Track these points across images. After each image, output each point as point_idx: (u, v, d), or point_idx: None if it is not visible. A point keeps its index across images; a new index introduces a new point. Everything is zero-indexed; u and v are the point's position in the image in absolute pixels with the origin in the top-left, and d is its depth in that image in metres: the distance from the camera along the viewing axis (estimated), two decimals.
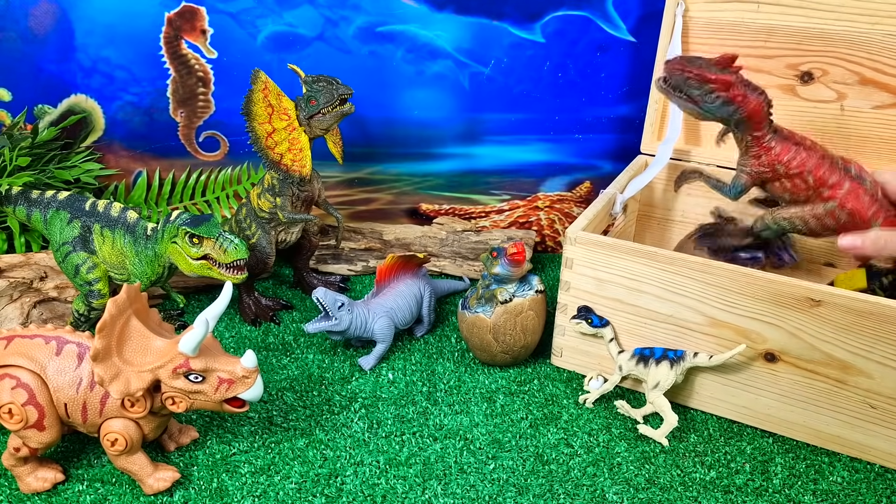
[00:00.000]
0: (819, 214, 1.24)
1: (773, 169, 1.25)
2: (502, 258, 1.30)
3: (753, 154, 1.26)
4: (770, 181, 1.26)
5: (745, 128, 1.24)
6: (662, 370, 1.21)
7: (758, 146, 1.25)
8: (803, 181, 1.24)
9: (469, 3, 1.61)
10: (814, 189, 1.23)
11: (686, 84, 1.21)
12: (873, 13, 1.35)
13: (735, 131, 1.27)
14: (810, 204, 1.25)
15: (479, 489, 1.12)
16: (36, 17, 1.61)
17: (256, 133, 1.41)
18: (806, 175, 1.23)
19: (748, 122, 1.23)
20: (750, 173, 1.27)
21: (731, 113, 1.21)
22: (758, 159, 1.25)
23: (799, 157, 1.23)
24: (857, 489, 1.14)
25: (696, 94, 1.21)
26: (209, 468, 1.15)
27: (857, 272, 1.36)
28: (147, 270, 1.33)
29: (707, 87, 1.20)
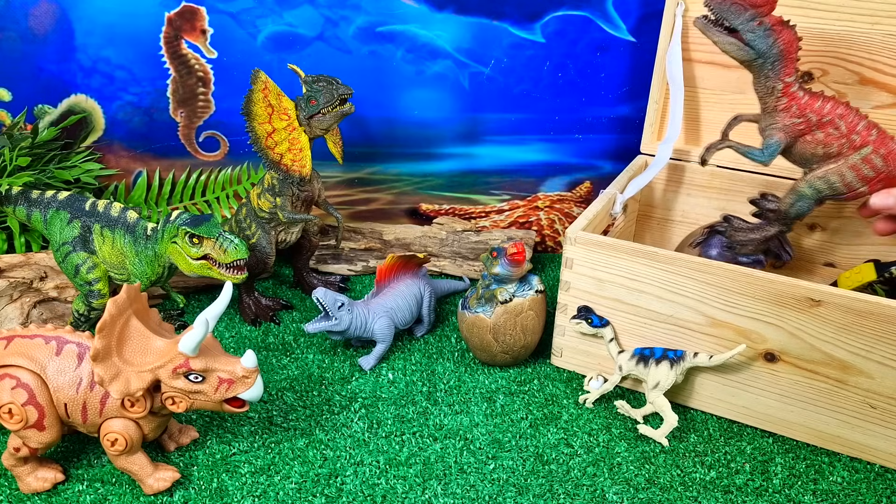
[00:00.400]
0: (855, 164, 1.19)
1: (805, 118, 1.21)
2: (502, 258, 1.30)
3: (783, 107, 1.22)
4: (802, 135, 1.22)
5: (778, 68, 1.20)
6: (662, 370, 1.22)
7: (787, 96, 1.21)
8: (836, 128, 1.20)
9: (469, 3, 1.61)
10: (846, 137, 1.19)
11: (729, 11, 1.18)
12: (873, 13, 1.35)
13: (764, 76, 1.21)
14: (843, 156, 1.20)
15: (479, 489, 1.12)
16: (36, 17, 1.61)
17: (256, 133, 1.41)
18: (837, 122, 1.20)
19: (783, 58, 1.19)
20: (782, 128, 1.22)
21: (771, 45, 1.18)
22: (788, 111, 1.22)
23: (828, 104, 1.21)
24: (857, 489, 1.14)
25: (739, 23, 1.18)
26: (209, 468, 1.15)
27: (864, 266, 1.36)
28: (147, 270, 1.33)
29: (750, 13, 1.17)
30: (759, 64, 1.20)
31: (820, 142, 1.21)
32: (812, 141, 1.22)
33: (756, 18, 1.17)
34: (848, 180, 1.20)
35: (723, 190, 1.58)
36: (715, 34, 1.21)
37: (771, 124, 1.24)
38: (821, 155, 1.22)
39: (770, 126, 1.24)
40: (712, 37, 1.22)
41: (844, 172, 1.20)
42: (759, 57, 1.20)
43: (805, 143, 1.22)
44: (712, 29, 1.22)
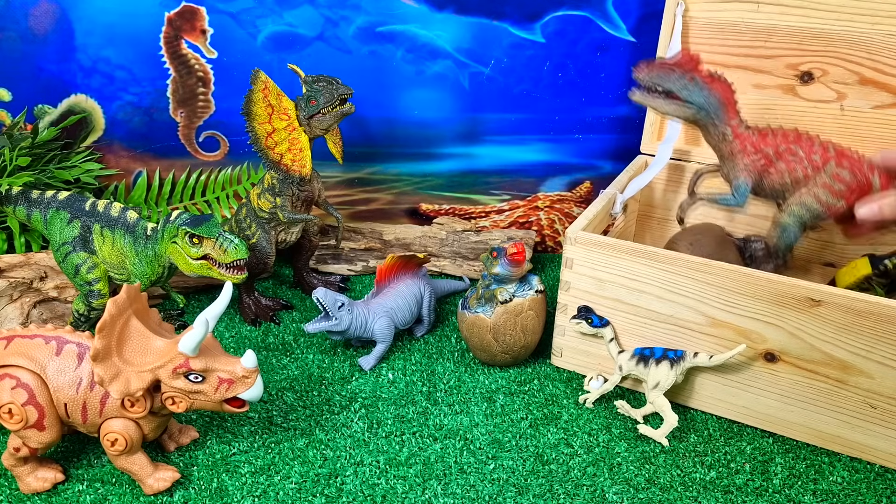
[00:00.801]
0: (825, 182, 1.22)
1: (762, 153, 1.24)
2: (502, 258, 1.30)
3: (739, 149, 1.26)
4: (765, 170, 1.25)
5: (721, 115, 1.24)
6: (662, 370, 1.21)
7: (739, 137, 1.25)
8: (794, 155, 1.23)
9: (469, 3, 1.61)
10: (807, 160, 1.23)
11: (659, 78, 1.23)
12: (873, 13, 1.35)
13: (712, 126, 1.25)
14: (810, 179, 1.23)
15: (479, 489, 1.12)
16: (36, 17, 1.61)
17: (256, 133, 1.41)
18: (794, 148, 1.23)
19: (724, 105, 1.24)
20: (745, 168, 1.26)
21: (708, 96, 1.22)
22: (745, 151, 1.25)
23: (778, 135, 1.25)
24: (857, 489, 1.14)
25: (672, 85, 1.23)
26: (209, 468, 1.15)
27: (859, 261, 1.36)
28: (147, 270, 1.33)
29: (678, 73, 1.22)
30: (704, 116, 1.24)
31: (784, 171, 1.25)
32: (776, 172, 1.25)
33: (685, 76, 1.22)
34: (823, 199, 1.23)
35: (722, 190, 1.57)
36: (654, 100, 1.25)
37: (733, 168, 1.27)
38: (789, 183, 1.25)
39: (733, 170, 1.27)
40: (652, 103, 1.26)
41: (817, 192, 1.23)
42: (701, 109, 1.24)
43: (770, 176, 1.26)
44: (650, 97, 1.25)
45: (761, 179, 1.27)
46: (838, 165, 1.22)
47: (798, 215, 1.25)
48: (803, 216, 1.25)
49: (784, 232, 1.28)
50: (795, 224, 1.26)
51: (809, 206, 1.24)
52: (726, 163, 1.29)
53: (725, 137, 1.26)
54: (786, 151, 1.24)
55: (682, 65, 1.23)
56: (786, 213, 1.26)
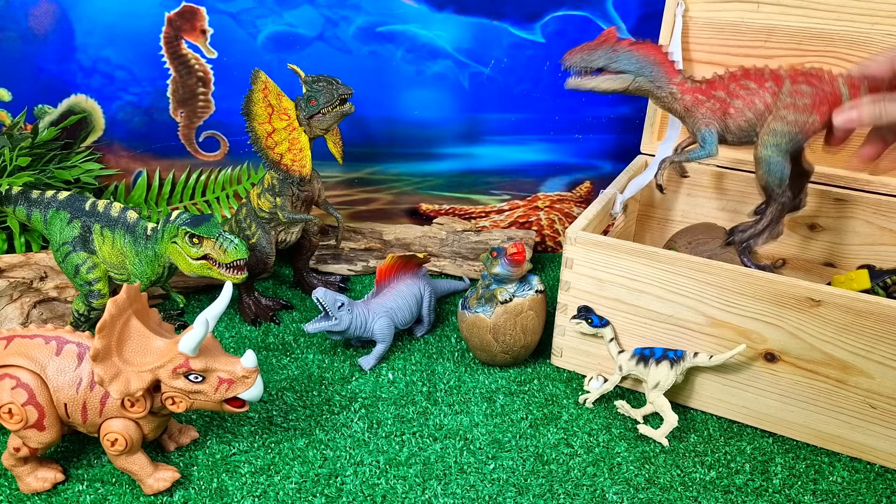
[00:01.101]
0: (787, 103, 1.18)
1: (715, 97, 1.22)
2: (502, 258, 1.30)
3: (691, 102, 1.24)
4: (725, 113, 1.22)
5: (660, 75, 1.23)
6: (662, 370, 1.21)
7: (687, 91, 1.24)
8: (747, 89, 1.21)
9: (469, 3, 1.61)
10: (761, 89, 1.20)
11: (584, 60, 1.23)
12: (873, 13, 1.35)
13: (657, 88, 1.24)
14: (772, 106, 1.20)
15: (479, 489, 1.12)
16: (36, 17, 1.61)
17: (256, 133, 1.41)
18: (744, 82, 1.21)
19: (659, 65, 1.23)
20: (704, 117, 1.23)
21: (639, 60, 1.22)
22: (698, 102, 1.23)
23: (725, 77, 1.23)
24: (857, 489, 1.14)
25: (600, 61, 1.22)
26: (209, 468, 1.15)
27: (859, 273, 1.36)
28: (147, 270, 1.33)
29: (602, 49, 1.22)
30: (644, 81, 1.23)
31: (742, 108, 1.21)
32: (736, 111, 1.22)
33: (609, 49, 1.22)
34: (791, 119, 1.18)
35: (723, 190, 1.58)
36: (589, 81, 1.24)
37: (694, 122, 1.25)
38: (753, 118, 1.21)
39: (695, 123, 1.25)
40: (588, 85, 1.24)
41: (785, 115, 1.18)
42: (638, 74, 1.22)
43: (732, 117, 1.22)
44: (584, 80, 1.24)
45: (725, 124, 1.23)
46: (794, 83, 1.18)
47: (774, 144, 1.20)
48: (780, 143, 1.20)
49: (768, 165, 1.21)
50: (776, 153, 1.21)
51: (780, 131, 1.19)
52: (686, 121, 1.27)
53: (674, 96, 1.24)
54: (738, 88, 1.22)
55: (603, 41, 1.23)
56: (761, 145, 1.21)
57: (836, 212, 1.49)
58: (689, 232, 1.50)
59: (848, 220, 1.49)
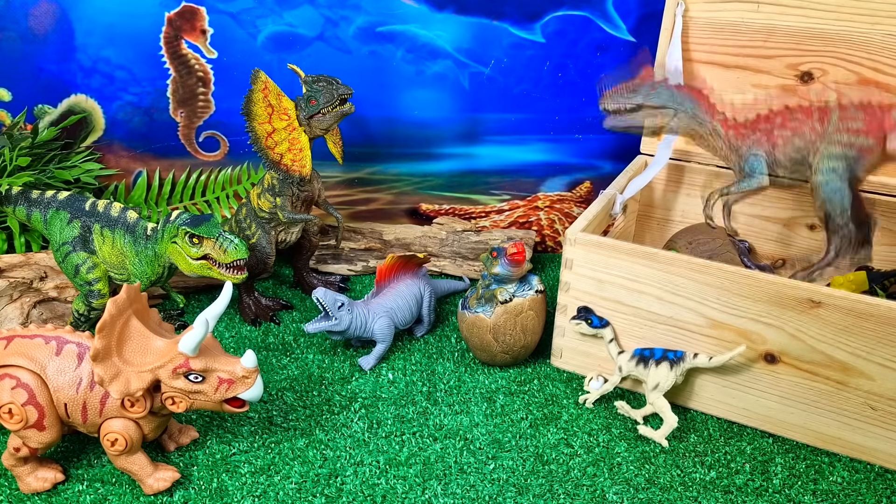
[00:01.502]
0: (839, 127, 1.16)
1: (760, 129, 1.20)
2: (502, 258, 1.30)
3: (736, 136, 1.22)
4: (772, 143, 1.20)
5: (702, 112, 1.22)
6: (662, 371, 1.21)
7: (731, 127, 1.22)
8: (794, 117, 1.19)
9: (469, 3, 1.61)
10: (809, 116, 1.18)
11: (622, 97, 1.23)
12: (873, 13, 1.35)
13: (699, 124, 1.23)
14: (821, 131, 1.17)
15: (479, 489, 1.12)
16: (36, 17, 1.61)
17: (256, 133, 1.41)
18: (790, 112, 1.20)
19: (699, 101, 1.22)
20: (751, 149, 1.21)
21: (678, 96, 1.21)
22: (742, 136, 1.21)
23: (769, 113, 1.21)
24: (857, 489, 1.14)
25: (639, 97, 1.22)
26: (209, 468, 1.15)
27: (858, 275, 1.36)
28: (147, 270, 1.33)
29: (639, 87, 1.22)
30: (685, 117, 1.23)
31: (790, 136, 1.19)
32: (784, 140, 1.20)
33: (647, 87, 1.23)
34: (846, 141, 1.16)
35: None
36: (628, 120, 1.24)
37: (740, 154, 1.23)
38: (803, 147, 1.19)
39: (740, 155, 1.23)
40: (627, 123, 1.24)
41: (837, 138, 1.16)
42: (678, 110, 1.22)
43: (780, 147, 1.20)
44: (623, 118, 1.24)
45: (774, 155, 1.20)
46: (843, 110, 1.16)
47: (830, 168, 1.16)
48: (837, 167, 1.16)
49: (825, 192, 1.17)
50: (833, 178, 1.16)
51: (836, 154, 1.16)
52: (731, 158, 1.24)
53: (717, 133, 1.24)
54: (784, 120, 1.20)
55: (643, 79, 1.24)
56: (816, 172, 1.18)
57: None
58: (689, 232, 1.50)
59: None
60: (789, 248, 1.56)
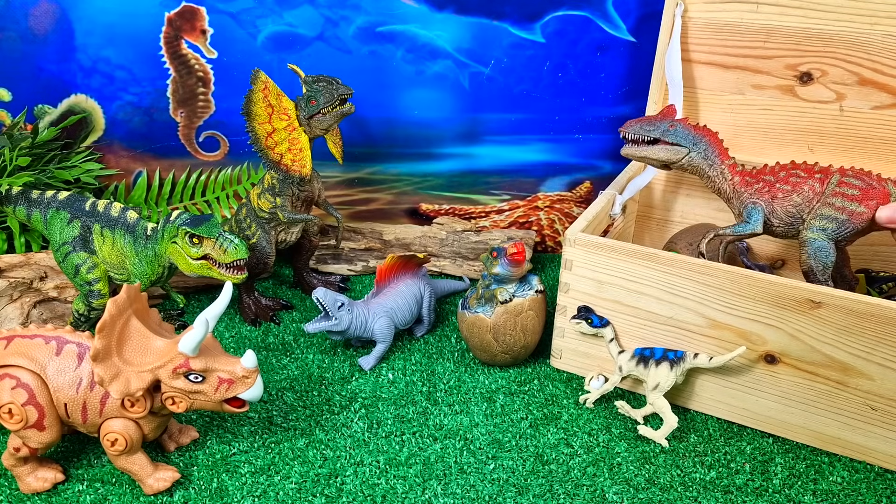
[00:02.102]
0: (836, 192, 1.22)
1: (765, 181, 1.27)
2: (502, 258, 1.30)
3: (741, 183, 1.29)
4: (773, 196, 1.26)
5: (714, 155, 1.30)
6: (662, 371, 1.21)
7: (738, 173, 1.29)
8: (797, 176, 1.25)
9: (469, 3, 1.61)
10: (810, 176, 1.24)
11: (643, 130, 1.32)
12: (872, 13, 1.35)
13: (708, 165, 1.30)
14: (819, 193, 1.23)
15: (479, 489, 1.12)
16: (36, 17, 1.61)
17: (256, 133, 1.41)
18: (794, 171, 1.26)
19: (713, 144, 1.30)
20: (752, 197, 1.27)
21: (695, 136, 1.30)
22: (747, 184, 1.28)
23: (776, 166, 1.28)
24: (857, 489, 1.14)
25: (658, 132, 1.31)
26: (209, 468, 1.15)
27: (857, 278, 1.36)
28: (147, 270, 1.33)
29: (660, 121, 1.31)
30: (697, 157, 1.30)
31: (790, 193, 1.25)
32: (784, 195, 1.25)
33: (668, 123, 1.31)
34: (839, 205, 1.22)
35: None
36: (644, 151, 1.33)
37: (741, 201, 1.29)
38: (801, 204, 1.25)
39: (741, 202, 1.29)
40: (643, 154, 1.33)
41: (832, 201, 1.22)
42: (692, 150, 1.30)
43: (779, 200, 1.25)
44: (639, 149, 1.33)
45: (772, 206, 1.26)
46: (843, 175, 1.23)
47: (820, 227, 1.23)
48: (826, 227, 1.22)
49: (813, 249, 1.23)
50: (822, 236, 1.23)
51: (829, 216, 1.22)
52: (732, 201, 1.31)
53: (724, 176, 1.30)
54: (788, 174, 1.26)
55: (664, 115, 1.32)
56: (807, 228, 1.24)
57: None
58: (689, 233, 1.50)
59: None
60: (789, 249, 1.56)
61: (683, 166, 1.32)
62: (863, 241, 1.48)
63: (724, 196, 1.32)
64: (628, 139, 1.34)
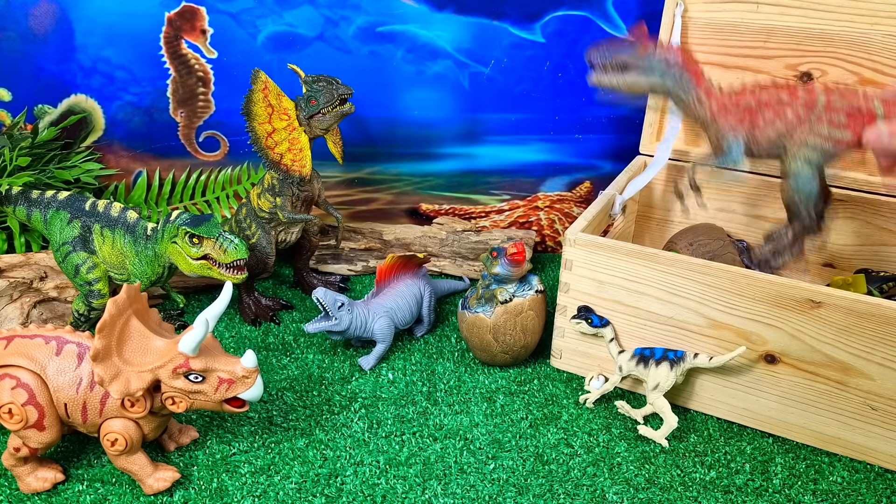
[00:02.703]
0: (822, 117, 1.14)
1: (745, 107, 1.17)
2: (502, 258, 1.30)
3: (718, 109, 1.19)
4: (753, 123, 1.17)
5: (687, 80, 1.19)
6: (662, 371, 1.21)
7: (714, 98, 1.19)
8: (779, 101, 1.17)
9: (469, 3, 1.61)
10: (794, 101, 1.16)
11: (610, 52, 1.19)
12: (872, 13, 1.35)
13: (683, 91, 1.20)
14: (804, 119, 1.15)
15: (479, 489, 1.12)
16: (36, 17, 1.61)
17: (256, 133, 1.41)
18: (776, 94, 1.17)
19: (687, 69, 1.19)
20: (732, 126, 1.18)
21: (667, 62, 1.18)
22: (725, 110, 1.19)
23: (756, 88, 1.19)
24: (857, 489, 1.14)
25: (628, 57, 1.18)
26: (209, 468, 1.15)
27: (857, 278, 1.36)
28: (147, 270, 1.33)
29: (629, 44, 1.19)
30: (670, 82, 1.19)
31: (772, 119, 1.16)
32: (766, 122, 1.17)
33: (637, 45, 1.19)
34: (826, 133, 1.14)
35: (722, 190, 1.58)
36: (615, 77, 1.20)
37: (719, 130, 1.20)
38: (784, 131, 1.16)
39: (719, 131, 1.20)
40: (613, 81, 1.20)
41: (818, 129, 1.14)
42: (664, 74, 1.19)
43: (761, 129, 1.17)
44: (608, 74, 1.20)
45: (753, 135, 1.18)
46: (829, 96, 1.14)
47: (806, 157, 1.16)
48: (811, 157, 1.15)
49: (797, 180, 1.17)
50: (807, 168, 1.16)
51: (814, 145, 1.15)
52: (710, 129, 1.22)
53: (701, 102, 1.20)
54: (770, 98, 1.17)
55: (632, 39, 1.20)
56: (792, 159, 1.17)
57: (835, 212, 1.49)
58: (689, 233, 1.50)
59: (848, 220, 1.49)
60: None
61: (657, 93, 1.23)
62: (863, 241, 1.49)
63: (701, 122, 1.24)
64: (595, 65, 1.21)
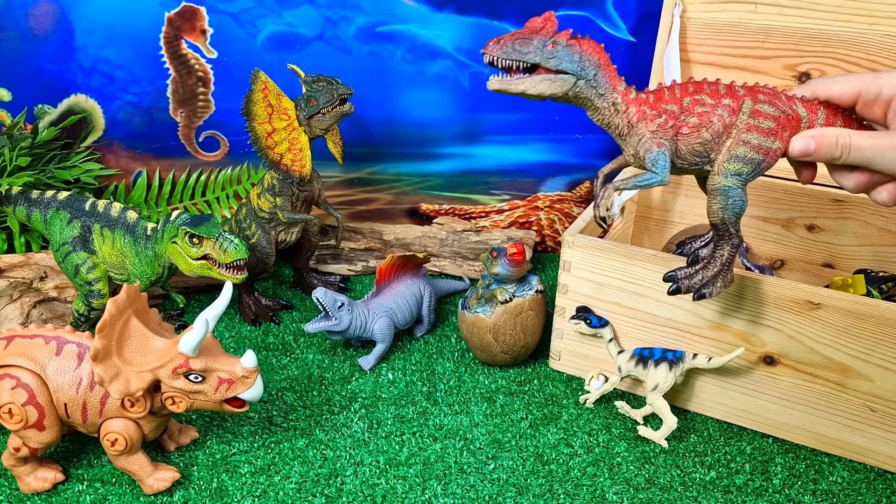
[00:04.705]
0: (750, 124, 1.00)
1: (666, 112, 1.02)
2: (502, 258, 1.30)
3: (636, 116, 1.03)
4: (677, 131, 1.02)
5: (604, 81, 1.01)
6: (661, 372, 1.21)
7: (632, 103, 1.03)
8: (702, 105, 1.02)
9: (469, 3, 1.61)
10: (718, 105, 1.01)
11: (514, 49, 0.98)
12: (870, 14, 1.35)
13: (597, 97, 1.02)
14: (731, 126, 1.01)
15: (479, 489, 1.12)
16: (36, 17, 1.61)
17: (256, 133, 1.41)
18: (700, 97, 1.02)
19: (603, 68, 1.01)
20: (653, 136, 1.02)
21: (581, 59, 0.99)
22: (644, 118, 1.02)
23: (675, 88, 1.04)
24: (857, 489, 1.14)
25: (534, 55, 0.98)
26: (209, 468, 1.15)
27: (856, 279, 1.36)
28: (147, 270, 1.33)
29: (539, 39, 0.98)
30: (584, 86, 1.01)
31: (698, 125, 1.02)
32: (690, 130, 1.02)
33: (547, 41, 0.98)
34: (755, 143, 1.00)
35: None
36: (520, 83, 1.00)
37: (639, 142, 1.03)
38: (710, 140, 1.02)
39: (641, 143, 1.03)
40: (518, 87, 1.00)
41: (746, 138, 1.00)
42: (579, 78, 1.00)
43: (685, 137, 1.02)
44: (513, 80, 1.00)
45: (676, 145, 1.03)
46: (755, 101, 1.01)
47: (735, 171, 1.01)
48: (742, 171, 1.01)
49: (727, 198, 1.02)
50: (736, 182, 1.01)
51: (744, 157, 1.00)
52: (629, 141, 1.05)
53: (617, 108, 1.03)
54: (693, 103, 1.02)
55: (538, 30, 0.99)
56: (721, 174, 1.02)
57: (834, 213, 1.49)
58: (688, 233, 1.50)
59: (846, 220, 1.49)
60: (788, 249, 1.56)
61: (568, 99, 1.03)
62: (863, 241, 1.49)
63: (616, 132, 1.06)
64: (497, 66, 1.00)
